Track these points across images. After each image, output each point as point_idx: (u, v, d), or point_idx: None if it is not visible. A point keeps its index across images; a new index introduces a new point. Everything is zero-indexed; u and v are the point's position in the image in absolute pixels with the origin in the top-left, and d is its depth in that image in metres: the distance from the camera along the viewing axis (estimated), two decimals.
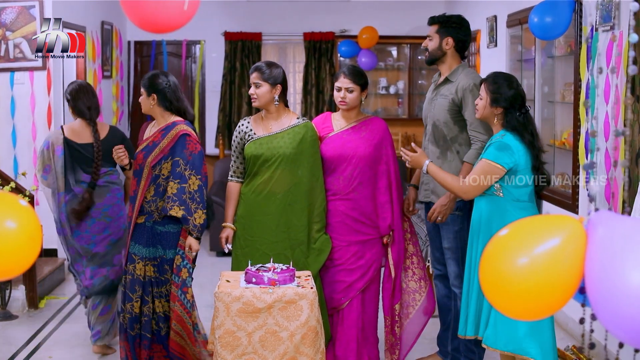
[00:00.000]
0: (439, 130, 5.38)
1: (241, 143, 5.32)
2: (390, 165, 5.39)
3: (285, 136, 5.23)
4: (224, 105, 11.63)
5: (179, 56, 11.72)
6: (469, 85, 5.23)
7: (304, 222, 5.26)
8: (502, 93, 4.64)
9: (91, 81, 9.40)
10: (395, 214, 5.38)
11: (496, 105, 4.66)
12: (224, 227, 5.35)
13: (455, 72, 5.37)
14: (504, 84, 4.67)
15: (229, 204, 5.38)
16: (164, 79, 5.27)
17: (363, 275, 5.35)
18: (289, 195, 5.24)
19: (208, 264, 9.08)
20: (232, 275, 4.88)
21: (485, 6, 9.02)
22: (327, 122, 5.49)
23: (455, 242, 5.35)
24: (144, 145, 5.26)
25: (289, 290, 4.55)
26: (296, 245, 5.25)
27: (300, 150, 5.24)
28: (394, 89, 12.02)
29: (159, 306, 5.27)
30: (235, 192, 5.36)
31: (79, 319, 7.02)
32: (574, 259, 2.28)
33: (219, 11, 11.58)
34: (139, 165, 5.25)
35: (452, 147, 5.34)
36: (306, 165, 5.27)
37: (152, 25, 2.84)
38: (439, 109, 5.38)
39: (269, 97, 5.20)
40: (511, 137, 4.59)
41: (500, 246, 2.41)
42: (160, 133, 5.26)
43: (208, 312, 6.85)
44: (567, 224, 2.33)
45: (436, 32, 5.38)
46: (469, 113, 5.18)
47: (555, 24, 6.15)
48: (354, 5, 11.72)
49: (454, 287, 5.41)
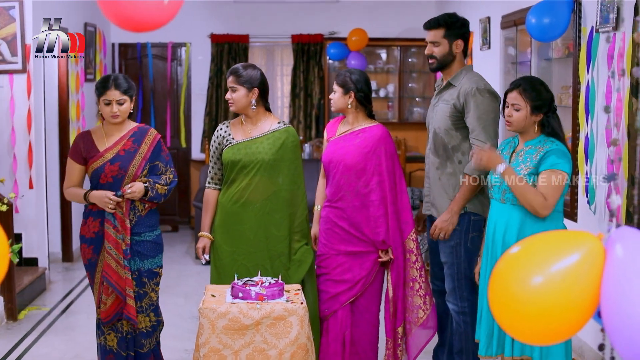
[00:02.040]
0: (439, 139, 5.12)
1: (219, 148, 5.12)
2: (384, 176, 5.15)
3: (264, 141, 5.03)
4: (210, 109, 11.46)
5: (164, 59, 11.55)
6: (471, 89, 4.95)
7: (285, 232, 5.05)
8: (543, 99, 4.39)
9: (73, 84, 9.20)
10: (391, 230, 5.14)
11: (538, 112, 4.40)
12: (200, 237, 5.13)
13: (458, 76, 5.10)
14: (542, 88, 4.43)
15: (206, 212, 5.17)
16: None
17: (349, 289, 5.16)
18: (268, 204, 5.03)
19: (193, 273, 8.89)
20: (218, 289, 4.65)
21: (478, 7, 8.83)
22: (335, 125, 5.36)
23: (451, 257, 5.09)
24: (113, 155, 4.95)
25: (278, 305, 4.35)
26: (276, 257, 5.03)
27: (280, 157, 5.04)
28: (384, 92, 11.87)
29: (142, 321, 5.02)
30: (213, 199, 5.16)
31: (59, 331, 6.82)
32: (592, 278, 2.11)
33: (205, 13, 11.44)
34: (112, 178, 4.93)
35: (454, 156, 5.08)
36: (286, 172, 5.07)
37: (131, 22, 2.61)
38: (440, 115, 5.11)
39: (246, 101, 5.01)
40: (561, 144, 4.36)
41: (512, 264, 2.25)
42: (130, 140, 5.02)
43: (194, 324, 6.67)
44: (585, 240, 2.17)
45: (443, 36, 5.07)
46: (471, 119, 4.91)
47: (554, 25, 5.95)
48: (343, 7, 11.58)
49: (449, 302, 5.17)
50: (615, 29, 5.23)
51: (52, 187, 8.85)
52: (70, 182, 5.05)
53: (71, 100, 9.23)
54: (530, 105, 4.38)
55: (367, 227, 5.14)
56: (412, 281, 5.24)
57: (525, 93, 4.41)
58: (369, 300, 5.26)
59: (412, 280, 5.23)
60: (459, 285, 5.05)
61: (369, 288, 5.21)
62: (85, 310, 7.33)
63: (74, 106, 9.33)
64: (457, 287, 5.05)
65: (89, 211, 5.02)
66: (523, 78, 4.64)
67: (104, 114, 4.98)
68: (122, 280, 4.90)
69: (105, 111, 4.95)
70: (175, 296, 7.79)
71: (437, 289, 5.41)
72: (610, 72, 5.27)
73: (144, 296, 5.01)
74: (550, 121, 4.39)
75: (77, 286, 8.25)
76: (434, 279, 5.44)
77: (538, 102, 4.37)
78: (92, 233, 4.97)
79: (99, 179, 4.95)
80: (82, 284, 8.22)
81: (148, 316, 5.03)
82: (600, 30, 5.47)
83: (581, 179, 5.88)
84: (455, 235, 5.04)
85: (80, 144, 5.02)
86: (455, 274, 5.07)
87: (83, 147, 5.00)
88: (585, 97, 5.73)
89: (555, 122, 4.40)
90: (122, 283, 4.90)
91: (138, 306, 4.99)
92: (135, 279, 4.97)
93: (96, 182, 4.97)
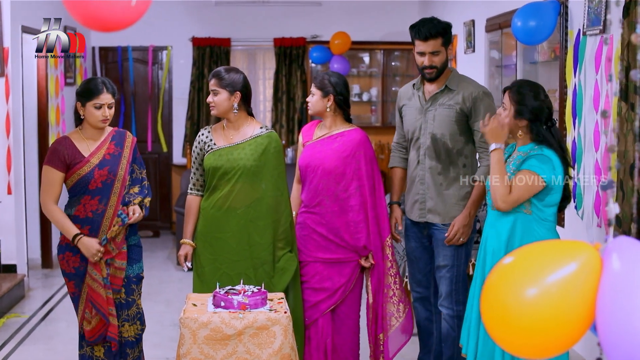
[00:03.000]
0: (440, 144, 5.02)
1: (201, 154, 5.01)
2: (364, 181, 5.07)
3: (246, 147, 4.93)
4: (191, 114, 11.34)
5: (145, 62, 11.43)
6: (479, 93, 4.94)
7: (268, 239, 4.94)
8: (527, 104, 4.28)
9: (53, 88, 9.08)
10: (371, 235, 5.07)
11: (520, 117, 4.30)
12: (182, 244, 5.02)
13: (454, 80, 5.03)
14: (530, 94, 4.30)
15: (188, 219, 5.05)
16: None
17: (329, 297, 5.08)
18: (251, 211, 4.92)
19: (175, 279, 8.77)
20: (199, 298, 4.54)
21: (462, 10, 8.77)
22: (311, 129, 5.25)
23: (453, 259, 5.02)
24: (99, 159, 4.79)
25: (261, 315, 4.24)
26: (259, 265, 4.92)
27: (263, 163, 4.93)
28: (367, 96, 11.77)
29: (128, 330, 4.90)
30: (195, 206, 5.05)
31: (39, 339, 6.69)
32: (589, 290, 2.03)
33: (187, 16, 11.34)
34: (102, 183, 4.77)
35: (458, 160, 5.01)
36: (269, 178, 4.96)
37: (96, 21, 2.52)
38: (443, 120, 5.01)
39: (227, 105, 4.90)
40: (551, 152, 4.24)
41: (505, 275, 2.16)
42: (112, 143, 4.88)
43: (175, 332, 6.55)
44: (581, 250, 2.08)
45: (442, 44, 4.98)
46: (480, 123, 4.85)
47: (540, 28, 5.88)
48: (326, 10, 11.49)
49: (442, 307, 5.07)
50: (603, 32, 5.16)
51: (31, 192, 8.72)
52: (53, 193, 4.77)
53: (51, 104, 9.10)
54: (514, 109, 4.30)
55: (347, 232, 5.06)
56: (386, 287, 5.17)
57: (510, 94, 4.34)
58: (349, 307, 5.18)
59: (386, 286, 5.17)
60: (457, 288, 5.00)
61: (349, 295, 5.13)
62: (65, 318, 7.20)
63: (53, 110, 9.20)
64: (454, 290, 5.00)
65: (65, 245, 4.80)
66: (520, 80, 4.59)
67: (93, 118, 4.78)
68: (104, 301, 4.75)
69: (95, 115, 4.77)
70: (157, 303, 7.67)
71: (419, 296, 5.32)
72: (598, 76, 5.20)
73: (132, 304, 4.89)
74: (540, 130, 4.27)
75: (56, 293, 8.12)
76: (415, 287, 5.34)
77: (520, 106, 4.27)
78: (72, 269, 4.79)
79: (87, 185, 4.74)
80: (62, 291, 8.08)
81: (135, 324, 4.92)
82: (587, 33, 5.40)
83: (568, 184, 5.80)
84: None
85: (62, 151, 4.76)
86: (454, 277, 5.01)
87: (66, 154, 4.75)
88: (572, 101, 5.66)
89: (546, 132, 4.27)
90: (104, 304, 4.75)
91: (125, 314, 4.87)
92: (125, 286, 4.85)
93: (82, 190, 4.76)
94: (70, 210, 4.78)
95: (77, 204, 4.77)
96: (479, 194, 4.93)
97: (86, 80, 4.88)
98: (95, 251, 4.68)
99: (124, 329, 4.87)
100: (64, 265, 4.80)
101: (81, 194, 4.77)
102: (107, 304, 4.75)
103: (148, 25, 10.72)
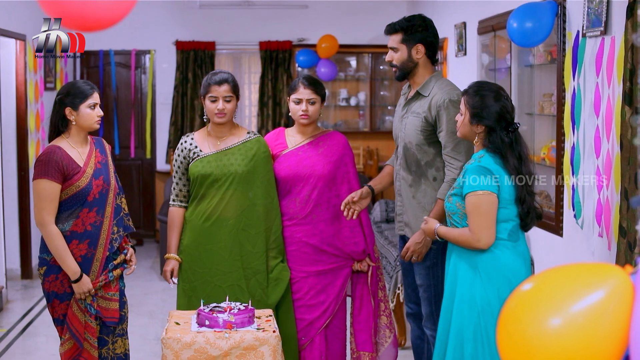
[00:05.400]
0: (411, 154, 4.72)
1: (185, 162, 4.79)
2: (353, 184, 4.92)
3: (236, 153, 4.74)
4: (175, 119, 11.11)
5: (128, 67, 11.21)
6: (444, 100, 4.55)
7: (261, 248, 4.75)
8: (485, 108, 3.96)
9: (32, 94, 8.84)
10: (368, 237, 4.92)
11: (477, 123, 3.99)
12: (167, 259, 4.78)
13: (427, 85, 4.69)
14: (488, 96, 3.99)
15: (172, 232, 4.82)
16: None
17: (325, 312, 4.89)
18: (242, 220, 4.73)
19: (159, 290, 8.53)
20: (182, 316, 4.31)
21: (453, 12, 8.56)
22: (281, 138, 4.99)
23: (428, 279, 4.70)
24: (93, 169, 4.49)
25: (248, 334, 4.03)
26: (251, 275, 4.72)
27: (253, 169, 4.75)
28: (355, 100, 11.59)
29: (121, 346, 4.66)
30: (179, 218, 4.82)
31: (17, 355, 6.46)
32: (620, 319, 1.83)
33: (170, 19, 11.14)
34: (99, 194, 4.48)
35: (427, 173, 4.68)
36: (260, 185, 4.77)
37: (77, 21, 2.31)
38: (411, 128, 4.70)
39: (235, 111, 4.80)
40: (490, 160, 3.94)
41: (525, 303, 1.94)
42: (97, 151, 4.60)
43: (159, 346, 6.29)
44: (610, 275, 1.88)
45: (401, 41, 4.69)
46: (444, 134, 4.52)
47: (537, 30, 5.65)
48: (313, 13, 11.31)
49: (426, 327, 4.80)
50: (605, 33, 4.94)
51: (9, 200, 8.53)
52: (53, 209, 4.37)
53: (30, 110, 8.85)
54: (470, 112, 4.01)
55: (340, 240, 4.88)
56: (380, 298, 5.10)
57: (466, 97, 4.05)
58: (340, 320, 5.02)
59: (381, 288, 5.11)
60: (437, 309, 4.59)
61: (340, 307, 4.97)
62: (45, 332, 6.97)
63: (32, 116, 8.95)
64: (434, 311, 4.65)
65: (52, 265, 4.45)
66: (476, 83, 4.21)
67: (88, 120, 4.50)
68: (81, 325, 4.45)
69: (91, 115, 4.49)
70: (140, 316, 7.42)
71: (412, 312, 5.05)
72: (599, 79, 4.98)
73: (125, 318, 4.66)
74: (493, 137, 3.97)
75: (36, 305, 7.88)
76: (407, 301, 5.09)
77: (477, 110, 3.98)
78: (68, 288, 4.45)
79: (85, 197, 4.43)
80: (42, 303, 7.84)
81: (126, 338, 4.70)
82: (587, 34, 5.18)
83: (567, 192, 5.59)
84: (430, 255, 4.66)
85: (58, 161, 4.38)
86: (432, 297, 4.69)
87: (63, 164, 4.39)
88: (571, 105, 5.44)
89: (502, 140, 3.96)
90: (81, 329, 4.46)
91: (119, 329, 4.63)
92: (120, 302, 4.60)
93: (80, 202, 4.43)
94: (66, 226, 4.42)
95: (74, 218, 4.43)
96: (437, 213, 4.51)
97: (70, 84, 4.59)
98: (87, 291, 4.40)
99: (117, 344, 4.63)
100: (56, 286, 4.45)
101: (78, 206, 4.44)
102: (83, 329, 4.46)
103: (130, 29, 10.56)
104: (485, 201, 3.87)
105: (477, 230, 3.88)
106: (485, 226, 3.88)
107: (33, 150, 8.88)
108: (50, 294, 4.47)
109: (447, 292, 4.16)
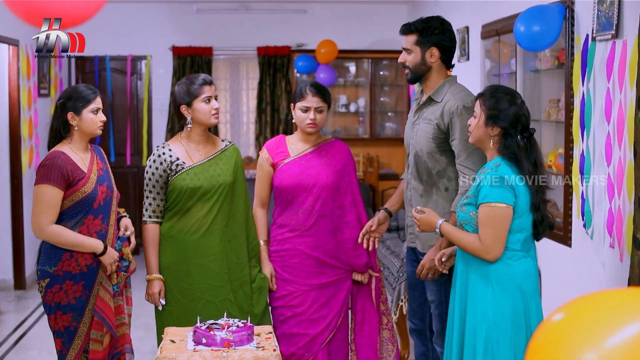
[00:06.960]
0: (422, 163, 4.53)
1: (164, 176, 4.54)
2: (356, 195, 4.79)
3: (219, 162, 4.60)
4: (172, 125, 10.96)
5: (124, 73, 11.05)
6: (457, 107, 4.35)
7: (244, 259, 4.64)
8: (502, 110, 3.83)
9: (25, 100, 8.68)
10: (371, 250, 4.79)
11: (493, 125, 3.85)
12: (150, 281, 4.61)
13: (441, 90, 4.50)
14: (505, 98, 3.86)
15: (152, 250, 4.59)
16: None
17: (328, 326, 4.74)
18: (228, 230, 4.59)
19: None
20: (178, 333, 4.14)
21: (455, 16, 8.39)
22: (282, 146, 4.81)
23: (440, 295, 4.52)
24: (96, 175, 4.35)
25: (247, 353, 3.86)
26: (238, 287, 4.59)
27: (236, 177, 4.63)
28: (355, 106, 11.46)
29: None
30: (158, 235, 4.59)
31: None
32: None
33: (167, 24, 10.99)
34: (104, 201, 4.34)
35: (439, 183, 4.49)
36: (240, 193, 4.66)
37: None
38: (422, 136, 4.51)
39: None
40: (507, 169, 3.80)
41: (555, 336, 1.75)
42: (97, 157, 4.46)
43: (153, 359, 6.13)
44: None
45: (415, 43, 4.49)
46: (457, 142, 4.33)
47: (545, 33, 5.50)
48: (312, 18, 11.18)
49: (436, 344, 4.63)
50: (616, 37, 4.79)
51: (2, 209, 8.44)
52: (53, 215, 4.22)
53: (23, 117, 8.70)
54: (486, 114, 3.87)
55: (342, 252, 4.73)
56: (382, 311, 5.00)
57: (482, 99, 3.92)
58: (343, 334, 4.88)
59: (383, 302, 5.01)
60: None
61: (342, 320, 4.83)
62: (37, 345, 6.80)
63: (26, 123, 8.79)
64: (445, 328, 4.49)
65: (64, 274, 4.29)
66: (493, 86, 4.12)
67: (92, 125, 4.37)
68: (112, 312, 4.37)
69: (94, 120, 4.37)
70: (135, 328, 7.18)
71: (415, 328, 4.87)
72: (610, 84, 4.81)
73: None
74: (509, 141, 3.85)
75: (29, 316, 7.70)
76: (411, 316, 4.92)
77: (493, 111, 3.85)
78: (73, 299, 4.29)
79: (91, 204, 4.29)
80: (36, 314, 7.67)
81: None
82: (597, 38, 5.02)
83: (576, 200, 5.43)
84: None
85: (63, 166, 4.23)
86: (443, 314, 4.48)
87: (69, 169, 4.25)
88: (580, 111, 5.28)
89: (518, 145, 3.84)
90: (112, 316, 4.37)
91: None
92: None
93: (86, 209, 4.29)
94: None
95: (79, 226, 4.29)
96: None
97: (72, 88, 4.48)
98: (115, 260, 4.37)
99: None
100: (60, 297, 4.28)
101: (84, 214, 4.29)
102: (113, 315, 4.38)
103: (126, 34, 10.45)
104: (501, 214, 3.75)
105: (489, 242, 3.76)
106: (498, 239, 3.77)
107: (26, 158, 8.73)
108: (54, 305, 4.30)
109: (456, 305, 4.01)
